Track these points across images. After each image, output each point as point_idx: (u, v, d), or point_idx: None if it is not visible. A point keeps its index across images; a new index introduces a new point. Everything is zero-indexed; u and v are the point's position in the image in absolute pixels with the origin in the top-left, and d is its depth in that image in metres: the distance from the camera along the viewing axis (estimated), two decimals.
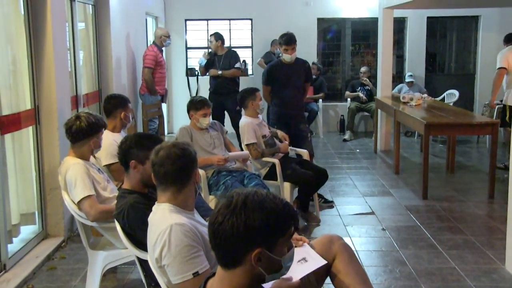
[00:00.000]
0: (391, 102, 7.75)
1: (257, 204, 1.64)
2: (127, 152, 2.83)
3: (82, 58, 5.57)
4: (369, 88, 9.59)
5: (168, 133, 9.47)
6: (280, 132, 5.33)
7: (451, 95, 9.37)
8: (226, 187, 4.33)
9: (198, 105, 4.52)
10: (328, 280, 2.43)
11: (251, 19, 10.13)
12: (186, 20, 10.17)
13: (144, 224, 2.40)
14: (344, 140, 9.31)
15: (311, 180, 4.89)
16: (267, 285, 1.77)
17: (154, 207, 2.38)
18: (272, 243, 1.66)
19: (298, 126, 5.67)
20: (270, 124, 5.56)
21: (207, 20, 10.17)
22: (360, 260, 3.84)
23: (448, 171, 6.93)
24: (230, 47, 8.17)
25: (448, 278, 3.77)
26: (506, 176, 5.59)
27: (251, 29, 10.16)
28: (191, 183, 2.36)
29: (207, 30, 10.16)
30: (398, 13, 8.86)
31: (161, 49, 7.50)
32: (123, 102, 4.18)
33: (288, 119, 5.65)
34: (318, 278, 2.36)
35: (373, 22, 9.50)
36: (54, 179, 4.26)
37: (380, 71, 8.51)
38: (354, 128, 9.83)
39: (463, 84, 10.04)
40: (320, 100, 9.67)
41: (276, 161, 4.91)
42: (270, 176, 4.94)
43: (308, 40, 9.85)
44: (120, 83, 6.56)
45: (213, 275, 1.81)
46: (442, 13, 10.18)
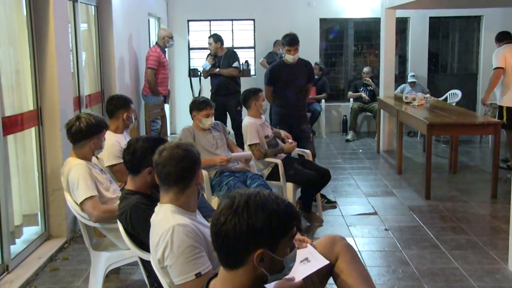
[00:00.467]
0: (394, 102, 7.74)
1: (259, 204, 1.64)
2: (142, 160, 2.79)
3: (84, 59, 5.58)
4: (371, 88, 9.58)
5: (170, 133, 9.47)
6: (283, 132, 5.33)
7: (454, 95, 9.36)
8: (229, 188, 4.33)
9: (200, 105, 4.52)
10: (331, 280, 2.42)
11: (253, 20, 10.14)
12: (188, 20, 10.18)
13: (147, 225, 2.40)
14: (347, 140, 9.30)
15: (313, 181, 4.89)
16: (269, 285, 1.76)
17: (157, 208, 2.37)
18: (274, 244, 1.65)
19: (300, 126, 5.67)
20: (272, 124, 5.56)
21: (209, 20, 10.18)
22: (363, 260, 3.83)
23: (451, 171, 6.92)
24: (232, 47, 8.18)
25: (451, 278, 3.77)
26: (509, 176, 5.58)
27: (254, 29, 10.16)
28: (193, 184, 2.36)
29: (210, 31, 10.16)
30: (401, 13, 8.84)
31: (164, 49, 7.51)
32: (125, 103, 4.19)
33: (290, 120, 5.65)
34: (321, 278, 2.35)
35: (375, 22, 9.50)
36: (56, 180, 4.26)
37: (382, 71, 8.50)
38: (356, 129, 9.83)
39: (465, 84, 10.03)
40: (323, 100, 9.66)
41: (278, 161, 4.91)
42: (272, 176, 4.94)
43: (311, 41, 9.84)
44: (122, 84, 6.56)
45: (215, 275, 1.81)
46: (445, 13, 10.17)
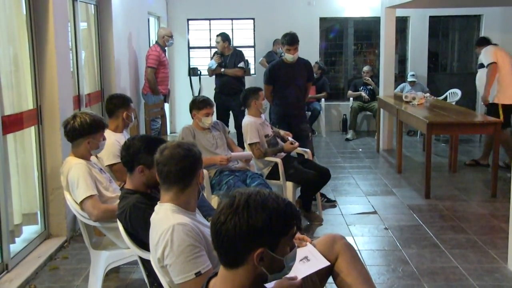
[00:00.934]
0: (394, 101, 7.74)
1: (259, 203, 1.64)
2: (135, 156, 2.81)
3: (84, 58, 5.57)
4: (371, 87, 9.58)
5: (170, 132, 9.47)
6: (283, 131, 5.33)
7: (454, 94, 9.36)
8: (229, 187, 4.33)
9: (200, 104, 4.52)
10: (330, 279, 2.42)
11: (253, 19, 10.13)
12: (188, 19, 10.17)
13: (147, 224, 2.40)
14: (347, 139, 9.30)
15: (313, 180, 4.89)
16: (269, 284, 1.76)
17: (157, 207, 2.37)
18: (274, 243, 1.65)
19: (300, 125, 5.67)
20: (271, 123, 5.56)
21: (209, 19, 10.18)
22: (363, 260, 3.84)
23: (451, 170, 6.92)
24: (235, 47, 8.14)
25: (450, 277, 3.77)
26: (509, 176, 5.58)
27: (254, 28, 10.16)
28: (194, 183, 2.36)
29: (210, 30, 10.17)
30: (400, 12, 8.85)
31: (164, 48, 7.51)
32: (125, 102, 4.18)
33: (290, 119, 5.65)
34: (321, 277, 2.35)
35: (375, 21, 9.50)
36: (56, 179, 4.26)
37: (382, 70, 8.50)
38: (356, 128, 9.83)
39: (465, 83, 10.01)
40: (323, 99, 9.66)
41: (278, 160, 4.91)
42: (272, 175, 4.94)
43: (311, 40, 9.84)
44: (122, 83, 6.56)
45: (215, 275, 1.81)
46: (445, 12, 10.17)
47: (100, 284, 3.35)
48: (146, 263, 2.65)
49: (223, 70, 7.61)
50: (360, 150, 8.47)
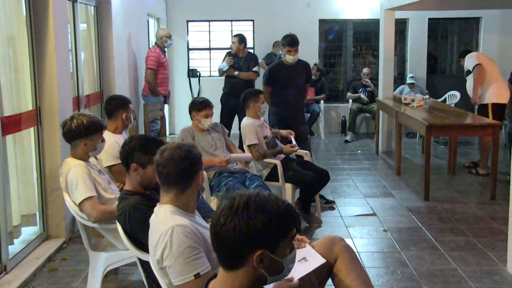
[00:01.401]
0: (393, 103, 7.74)
1: (259, 205, 1.64)
2: (129, 154, 2.82)
3: (83, 59, 5.57)
4: (370, 89, 9.59)
5: (169, 134, 9.47)
6: (285, 131, 5.34)
7: (453, 96, 9.36)
8: (228, 188, 4.33)
9: (200, 106, 4.51)
10: (329, 281, 2.42)
11: (252, 21, 10.13)
12: (188, 21, 10.17)
13: (146, 226, 2.40)
14: (346, 141, 9.30)
15: (312, 182, 4.89)
16: (268, 286, 1.76)
17: (156, 209, 2.37)
18: (274, 245, 1.65)
19: (299, 127, 5.66)
20: (271, 125, 5.55)
21: (209, 21, 10.18)
22: (362, 261, 3.83)
23: (450, 172, 6.92)
24: (249, 49, 8.01)
25: (449, 280, 3.77)
26: (508, 178, 5.58)
27: (253, 30, 10.16)
28: (193, 185, 2.36)
29: (209, 31, 10.18)
30: (400, 14, 8.86)
31: (163, 50, 7.50)
32: (124, 103, 4.18)
33: (289, 121, 5.65)
34: (320, 279, 2.35)
35: (374, 23, 9.51)
36: (55, 180, 4.26)
37: (381, 72, 8.50)
38: (355, 129, 9.83)
39: (464, 86, 9.97)
40: (322, 101, 9.67)
41: (277, 162, 4.90)
42: (271, 177, 4.93)
43: (310, 42, 9.84)
44: (122, 84, 6.55)
45: (214, 276, 1.81)
46: (444, 14, 10.17)
47: (99, 285, 3.35)
48: (145, 265, 2.65)
49: (237, 73, 7.46)
50: (359, 152, 8.48)
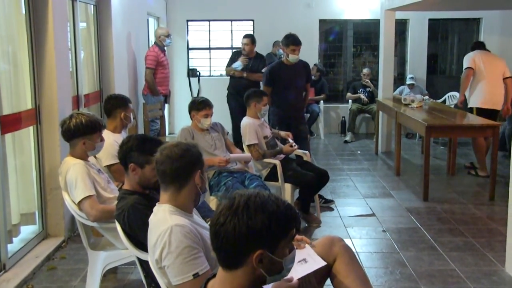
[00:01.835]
0: (393, 104, 7.74)
1: (259, 205, 1.64)
2: (127, 154, 2.82)
3: (83, 58, 5.57)
4: (370, 89, 9.58)
5: (169, 133, 9.46)
6: (284, 132, 5.34)
7: (452, 97, 9.35)
8: (227, 188, 4.33)
9: (199, 105, 4.51)
10: (328, 281, 2.42)
11: (252, 20, 10.13)
12: (188, 20, 10.16)
13: (145, 225, 2.40)
14: (345, 141, 9.31)
15: (312, 182, 4.88)
16: (267, 286, 1.76)
17: (155, 208, 2.37)
18: (273, 245, 1.65)
19: (299, 127, 5.68)
20: (271, 125, 5.56)
21: (208, 21, 10.17)
22: (361, 262, 3.84)
23: (449, 173, 6.92)
24: (252, 50, 7.95)
25: (448, 280, 3.77)
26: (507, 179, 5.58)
27: (253, 30, 10.14)
28: (190, 184, 2.34)
29: (209, 31, 10.18)
30: (400, 15, 8.86)
31: (163, 49, 7.49)
32: (123, 102, 4.17)
33: (289, 120, 5.66)
34: (319, 279, 2.35)
35: (375, 23, 9.51)
36: (54, 179, 4.25)
37: (381, 72, 8.50)
38: (355, 130, 9.84)
39: None
40: (322, 101, 9.66)
41: (277, 162, 4.90)
42: (271, 177, 4.94)
43: (310, 42, 9.82)
44: (121, 84, 6.55)
45: (213, 276, 1.81)
46: (444, 15, 10.18)
47: (98, 284, 3.35)
48: (144, 264, 2.65)
49: (245, 74, 7.48)
50: (359, 152, 8.48)
